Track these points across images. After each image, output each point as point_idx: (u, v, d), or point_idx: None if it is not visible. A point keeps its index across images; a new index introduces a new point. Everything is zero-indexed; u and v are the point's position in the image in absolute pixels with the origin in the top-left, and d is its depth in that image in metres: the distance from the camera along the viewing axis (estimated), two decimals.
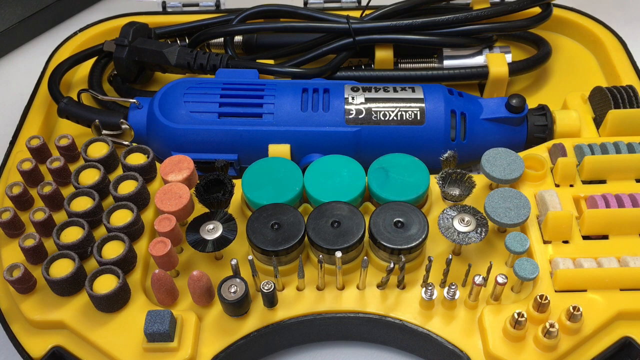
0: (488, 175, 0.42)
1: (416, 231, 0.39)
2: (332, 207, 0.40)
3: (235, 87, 0.47)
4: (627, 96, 0.47)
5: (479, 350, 0.37)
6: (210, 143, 0.46)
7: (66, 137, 0.45)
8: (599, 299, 0.38)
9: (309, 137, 0.46)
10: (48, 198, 0.42)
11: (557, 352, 0.36)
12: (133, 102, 0.48)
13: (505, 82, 0.52)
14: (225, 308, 0.38)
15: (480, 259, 0.41)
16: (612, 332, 0.37)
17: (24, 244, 0.39)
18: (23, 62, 0.63)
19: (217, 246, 0.39)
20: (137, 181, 0.42)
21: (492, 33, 0.52)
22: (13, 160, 0.48)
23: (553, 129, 0.47)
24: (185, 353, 0.37)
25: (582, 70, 0.56)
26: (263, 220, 0.39)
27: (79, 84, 0.57)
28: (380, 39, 0.52)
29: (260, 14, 0.55)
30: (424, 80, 0.51)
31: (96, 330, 0.38)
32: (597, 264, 0.39)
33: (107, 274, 0.38)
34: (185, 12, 0.61)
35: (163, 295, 0.38)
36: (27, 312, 0.39)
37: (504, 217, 0.39)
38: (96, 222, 0.42)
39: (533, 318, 0.36)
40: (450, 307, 0.39)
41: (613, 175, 0.43)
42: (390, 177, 0.42)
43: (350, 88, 0.47)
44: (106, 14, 0.61)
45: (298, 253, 0.40)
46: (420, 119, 0.46)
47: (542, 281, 0.39)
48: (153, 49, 0.51)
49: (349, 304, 0.39)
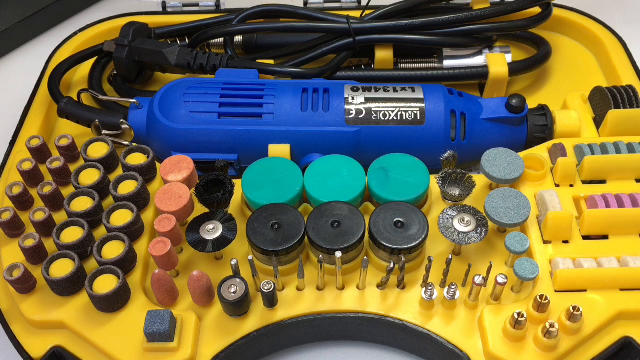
0: (488, 175, 0.42)
1: (416, 231, 0.39)
2: (332, 207, 0.40)
3: (235, 87, 0.47)
4: (627, 96, 0.47)
5: (479, 350, 0.37)
6: (210, 143, 0.46)
7: (66, 137, 0.45)
8: (599, 299, 0.38)
9: (309, 137, 0.46)
10: (48, 198, 0.42)
11: (557, 352, 0.36)
12: (133, 102, 0.48)
13: (505, 82, 0.52)
14: (225, 308, 0.38)
15: (480, 259, 0.41)
16: (612, 332, 0.37)
17: (24, 244, 0.39)
18: (23, 62, 0.63)
19: (217, 246, 0.39)
20: (137, 181, 0.42)
21: (492, 33, 0.52)
22: (13, 160, 0.48)
23: (553, 129, 0.47)
24: (185, 353, 0.37)
25: (582, 70, 0.56)
26: (263, 220, 0.39)
27: (79, 84, 0.57)
28: (380, 39, 0.52)
29: (260, 14, 0.55)
30: (424, 80, 0.51)
31: (96, 330, 0.38)
32: (597, 264, 0.39)
33: (107, 274, 0.38)
34: (185, 12, 0.61)
35: (163, 295, 0.38)
36: (27, 312, 0.39)
37: (504, 217, 0.39)
38: (96, 222, 0.42)
39: (533, 318, 0.36)
40: (450, 307, 0.39)
41: (613, 175, 0.43)
42: (390, 177, 0.42)
43: (350, 88, 0.47)
44: (106, 14, 0.61)
45: (298, 253, 0.40)
46: (420, 119, 0.46)
47: (542, 281, 0.39)
48: (153, 49, 0.51)
49: (349, 304, 0.39)
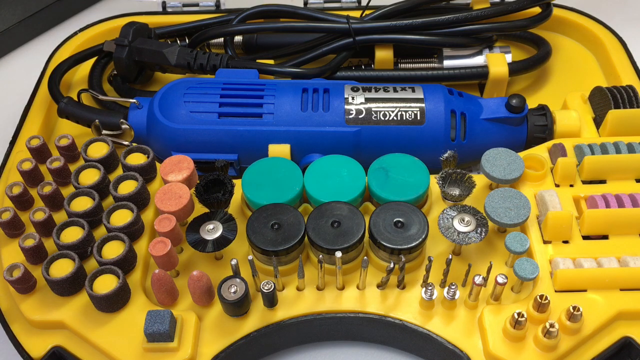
0: (488, 175, 0.42)
1: (416, 231, 0.39)
2: (332, 207, 0.40)
3: (235, 87, 0.47)
4: (627, 96, 0.47)
5: (479, 350, 0.37)
6: (210, 143, 0.46)
7: (66, 137, 0.45)
8: (599, 299, 0.38)
9: (309, 137, 0.46)
10: (48, 198, 0.42)
11: (557, 352, 0.36)
12: (133, 102, 0.48)
13: (505, 82, 0.52)
14: (225, 308, 0.38)
15: (480, 259, 0.41)
16: (612, 332, 0.37)
17: (24, 244, 0.39)
18: (23, 62, 0.63)
19: (217, 246, 0.39)
20: (137, 181, 0.42)
21: (492, 33, 0.52)
22: (13, 160, 0.48)
23: (553, 129, 0.47)
24: (185, 353, 0.37)
25: (582, 70, 0.56)
26: (263, 220, 0.39)
27: (79, 84, 0.57)
28: (380, 39, 0.52)
29: (260, 14, 0.55)
30: (424, 80, 0.51)
31: (96, 330, 0.38)
32: (597, 264, 0.39)
33: (107, 274, 0.38)
34: (185, 12, 0.61)
35: (163, 295, 0.38)
36: (27, 312, 0.39)
37: (504, 217, 0.39)
38: (96, 222, 0.42)
39: (533, 318, 0.36)
40: (450, 307, 0.39)
41: (613, 175, 0.43)
42: (390, 177, 0.42)
43: (350, 88, 0.47)
44: (106, 14, 0.61)
45: (298, 253, 0.40)
46: (420, 119, 0.46)
47: (542, 281, 0.39)
48: (153, 49, 0.51)
49: (349, 304, 0.39)
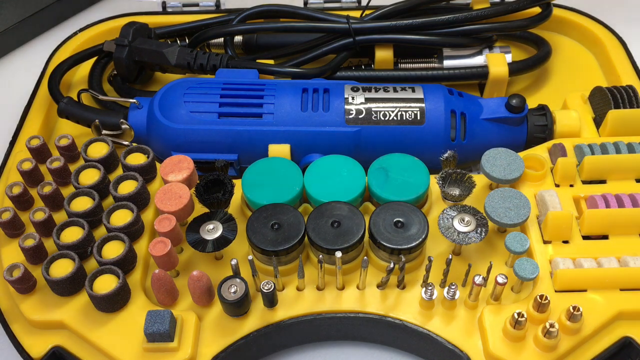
0: (488, 175, 0.42)
1: (416, 231, 0.39)
2: (332, 207, 0.40)
3: (235, 87, 0.47)
4: (627, 96, 0.47)
5: (479, 350, 0.37)
6: (210, 143, 0.46)
7: (66, 137, 0.45)
8: (599, 299, 0.38)
9: (309, 137, 0.46)
10: (48, 198, 0.42)
11: (557, 352, 0.36)
12: (133, 102, 0.48)
13: (505, 82, 0.52)
14: (225, 308, 0.38)
15: (480, 259, 0.41)
16: (612, 332, 0.37)
17: (24, 244, 0.39)
18: (23, 62, 0.63)
19: (217, 246, 0.39)
20: (137, 181, 0.42)
21: (492, 33, 0.52)
22: (13, 160, 0.48)
23: (553, 129, 0.47)
24: (185, 353, 0.37)
25: (582, 70, 0.56)
26: (263, 220, 0.39)
27: (79, 84, 0.57)
28: (380, 39, 0.52)
29: (260, 14, 0.55)
30: (424, 80, 0.51)
31: (96, 330, 0.38)
32: (597, 264, 0.39)
33: (107, 274, 0.38)
34: (185, 12, 0.61)
35: (163, 295, 0.38)
36: (27, 312, 0.39)
37: (504, 217, 0.39)
38: (96, 222, 0.42)
39: (533, 318, 0.36)
40: (450, 307, 0.39)
41: (613, 175, 0.43)
42: (390, 177, 0.42)
43: (350, 88, 0.47)
44: (106, 14, 0.61)
45: (298, 253, 0.40)
46: (420, 119, 0.46)
47: (542, 281, 0.39)
48: (153, 49, 0.51)
49: (349, 304, 0.39)
